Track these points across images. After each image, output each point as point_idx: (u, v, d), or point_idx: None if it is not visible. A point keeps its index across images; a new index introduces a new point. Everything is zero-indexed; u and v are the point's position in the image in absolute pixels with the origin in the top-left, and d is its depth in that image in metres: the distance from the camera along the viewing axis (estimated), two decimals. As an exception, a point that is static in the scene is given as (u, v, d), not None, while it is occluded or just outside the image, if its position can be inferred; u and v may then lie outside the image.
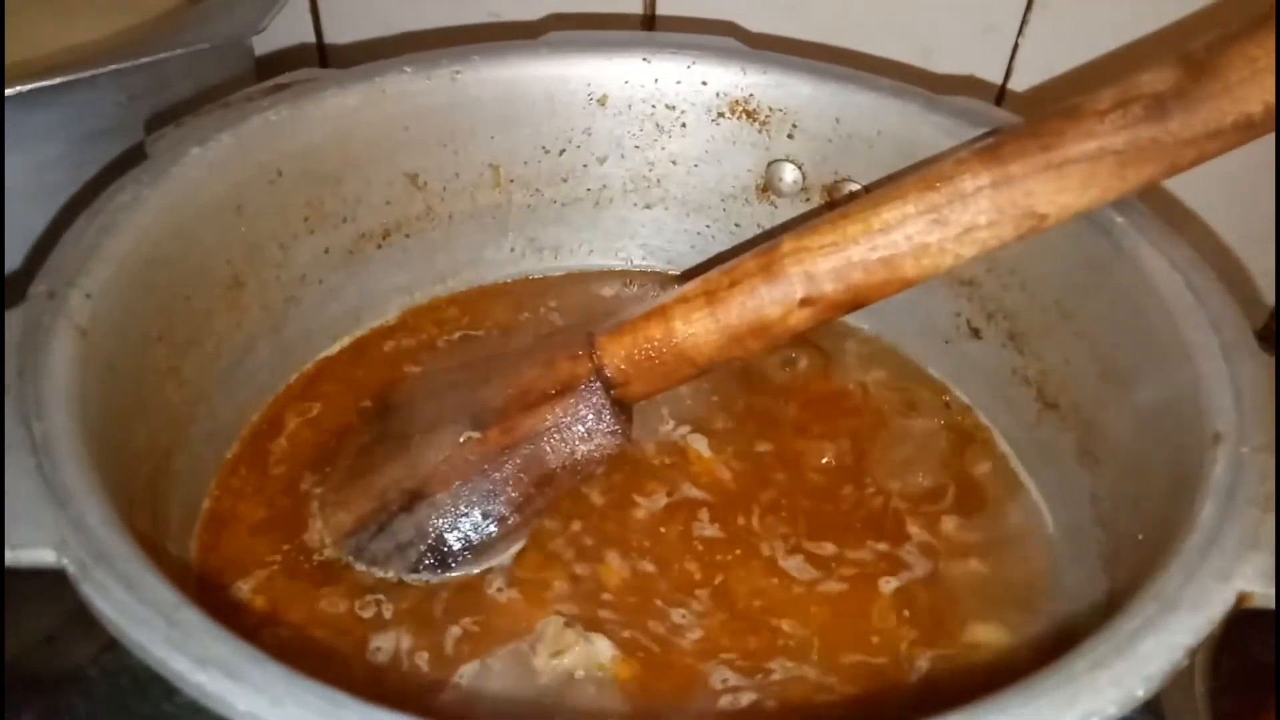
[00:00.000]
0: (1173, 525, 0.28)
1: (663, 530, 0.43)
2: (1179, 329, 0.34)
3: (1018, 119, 0.45)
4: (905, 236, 0.38)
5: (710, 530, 0.43)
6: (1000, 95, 0.60)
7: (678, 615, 0.39)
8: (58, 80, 0.46)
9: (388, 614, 0.39)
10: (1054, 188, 0.36)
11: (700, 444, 0.46)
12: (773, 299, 0.39)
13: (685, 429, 0.47)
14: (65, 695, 0.24)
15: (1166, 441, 0.33)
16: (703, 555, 0.42)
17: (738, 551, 0.42)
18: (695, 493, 0.44)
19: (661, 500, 0.44)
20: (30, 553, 0.24)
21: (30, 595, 0.46)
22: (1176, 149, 0.35)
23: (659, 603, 0.39)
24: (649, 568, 0.41)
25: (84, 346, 0.32)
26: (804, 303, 0.39)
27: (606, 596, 0.40)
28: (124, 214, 0.36)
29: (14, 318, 0.31)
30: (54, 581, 0.47)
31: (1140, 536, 0.32)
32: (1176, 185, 0.52)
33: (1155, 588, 0.25)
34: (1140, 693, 0.22)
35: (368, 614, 0.38)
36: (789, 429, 0.47)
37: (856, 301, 0.40)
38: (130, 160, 0.39)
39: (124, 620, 0.23)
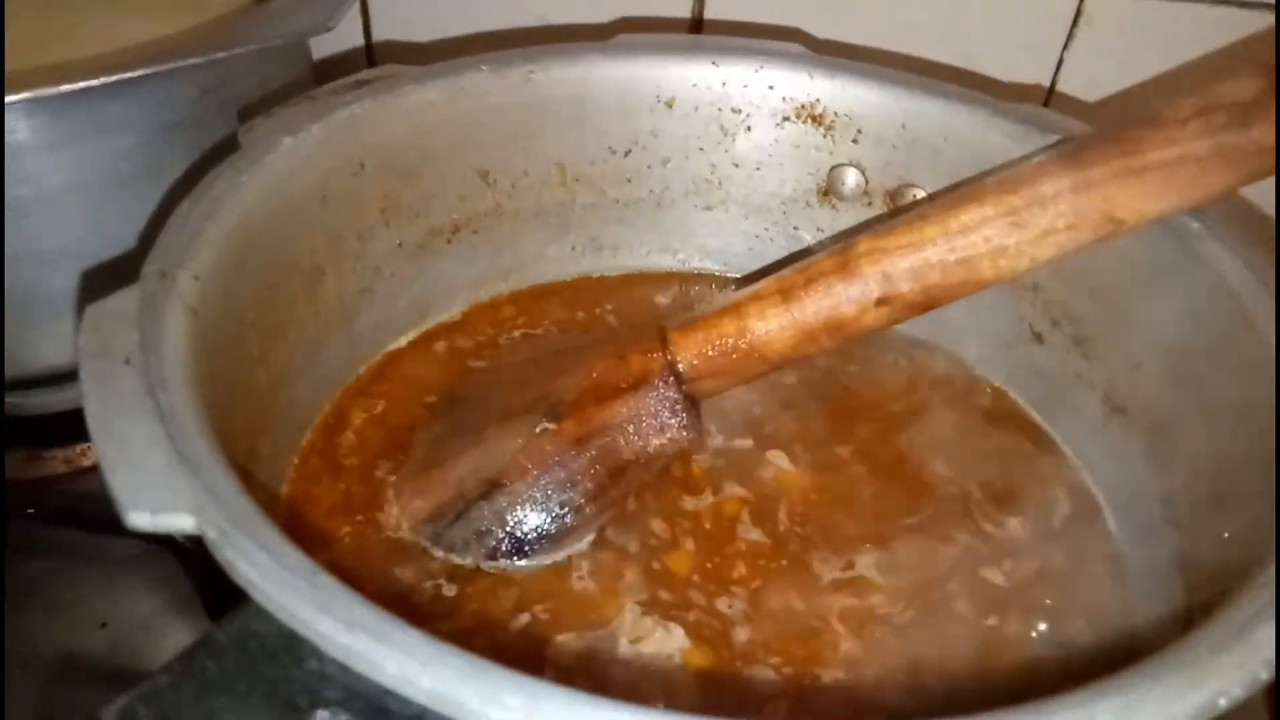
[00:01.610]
0: (1267, 516, 0.29)
1: (726, 525, 0.43)
2: (1260, 331, 0.35)
3: (1088, 127, 0.46)
4: (983, 239, 0.38)
5: (779, 526, 0.43)
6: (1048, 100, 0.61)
7: (735, 606, 0.40)
8: (140, 73, 0.47)
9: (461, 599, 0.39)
10: (1134, 193, 0.37)
11: (771, 452, 0.46)
12: (849, 298, 0.40)
13: (753, 437, 0.47)
14: (197, 659, 0.25)
15: (1251, 442, 0.33)
16: (758, 553, 0.42)
17: (803, 552, 0.42)
18: (761, 492, 0.44)
19: (729, 496, 0.44)
20: (170, 518, 0.25)
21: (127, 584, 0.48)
22: (1258, 157, 0.36)
23: (723, 597, 0.40)
24: (714, 561, 0.41)
25: (195, 325, 0.32)
26: (880, 302, 0.40)
27: (676, 588, 0.40)
28: (223, 200, 0.37)
29: (130, 295, 0.32)
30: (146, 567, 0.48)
31: (1226, 534, 0.33)
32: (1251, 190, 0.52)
33: (1266, 577, 0.26)
34: (1264, 675, 0.23)
35: (441, 596, 0.39)
36: (852, 434, 0.47)
37: (931, 302, 0.40)
38: (224, 150, 0.40)
39: (268, 583, 0.23)
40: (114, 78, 0.46)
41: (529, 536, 0.41)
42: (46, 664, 0.47)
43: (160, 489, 0.25)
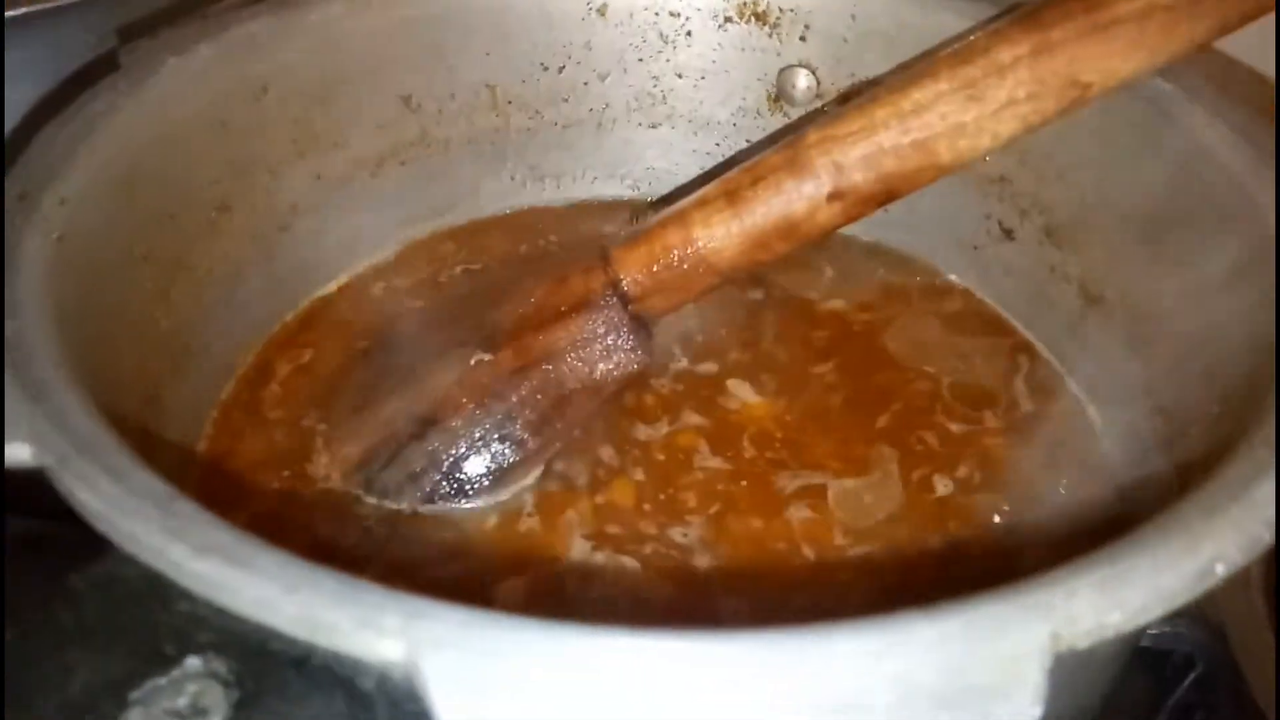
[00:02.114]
0: (1264, 383, 0.26)
1: (667, 453, 0.40)
2: (1246, 190, 0.32)
3: None
4: (939, 116, 0.35)
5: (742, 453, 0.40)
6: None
7: (684, 533, 0.37)
8: (20, 11, 0.43)
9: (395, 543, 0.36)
10: (1099, 52, 0.34)
11: (732, 381, 0.43)
12: (800, 194, 0.37)
13: (708, 361, 0.44)
14: (51, 607, 0.21)
15: (1242, 305, 0.30)
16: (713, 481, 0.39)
17: (766, 475, 0.39)
18: (701, 420, 0.41)
19: (677, 422, 0.41)
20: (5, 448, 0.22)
21: None
22: (1228, 2, 0.32)
23: (674, 522, 0.37)
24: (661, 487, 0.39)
25: (60, 253, 0.29)
26: (833, 197, 0.37)
27: (627, 520, 0.37)
28: (100, 121, 0.34)
29: (-21, 221, 0.28)
30: None
31: (1216, 410, 0.30)
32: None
33: (1263, 434, 0.23)
34: (1266, 537, 0.20)
35: (372, 543, 0.36)
36: (820, 352, 0.44)
37: (889, 193, 0.37)
38: (101, 71, 0.36)
39: (113, 510, 0.20)
40: (-9, 16, 0.42)
41: (468, 475, 0.38)
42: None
43: (-9, 419, 0.22)
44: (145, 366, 0.34)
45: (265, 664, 0.21)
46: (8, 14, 0.44)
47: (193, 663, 0.21)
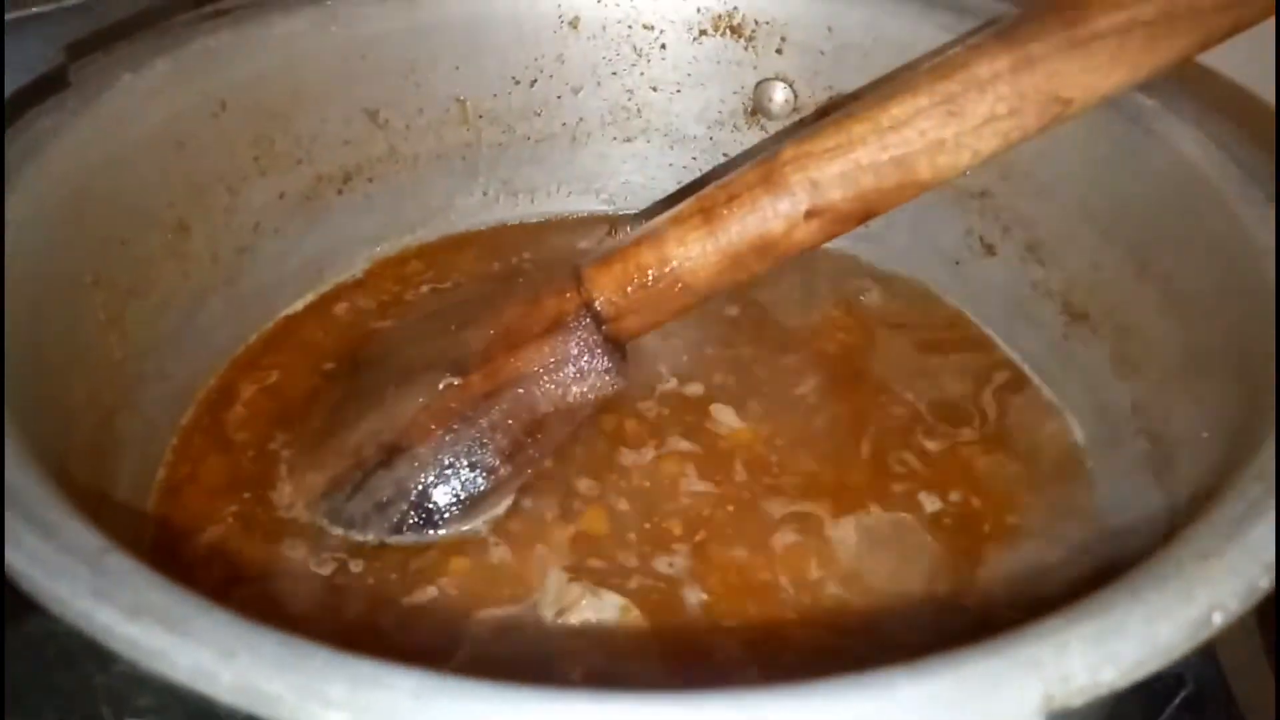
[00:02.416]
0: (1256, 408, 0.25)
1: (653, 479, 0.39)
2: (1230, 206, 0.31)
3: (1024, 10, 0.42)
4: (918, 133, 0.34)
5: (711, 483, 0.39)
6: None
7: (667, 562, 0.36)
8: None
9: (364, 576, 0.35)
10: (1079, 67, 0.33)
11: (716, 406, 0.42)
12: (776, 212, 0.36)
13: (691, 384, 0.43)
14: (-19, 670, 0.20)
15: (1229, 329, 0.29)
16: (694, 507, 0.38)
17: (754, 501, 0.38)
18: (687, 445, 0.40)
19: (653, 452, 0.40)
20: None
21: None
22: (1211, 16, 0.32)
23: (659, 550, 0.36)
24: (635, 512, 0.37)
25: (7, 280, 0.28)
26: (810, 215, 0.36)
27: (605, 549, 0.36)
28: (47, 140, 0.32)
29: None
30: None
31: (1205, 434, 0.29)
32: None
33: (1257, 468, 0.22)
34: (1264, 583, 0.19)
35: (340, 576, 0.34)
36: (794, 369, 0.43)
37: (867, 211, 0.36)
38: (49, 88, 0.35)
39: (37, 570, 0.19)
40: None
41: (437, 504, 0.37)
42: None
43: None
44: (97, 395, 0.33)
45: (211, 726, 0.20)
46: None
47: (131, 727, 0.20)
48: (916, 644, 0.17)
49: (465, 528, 0.37)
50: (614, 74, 0.49)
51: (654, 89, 0.49)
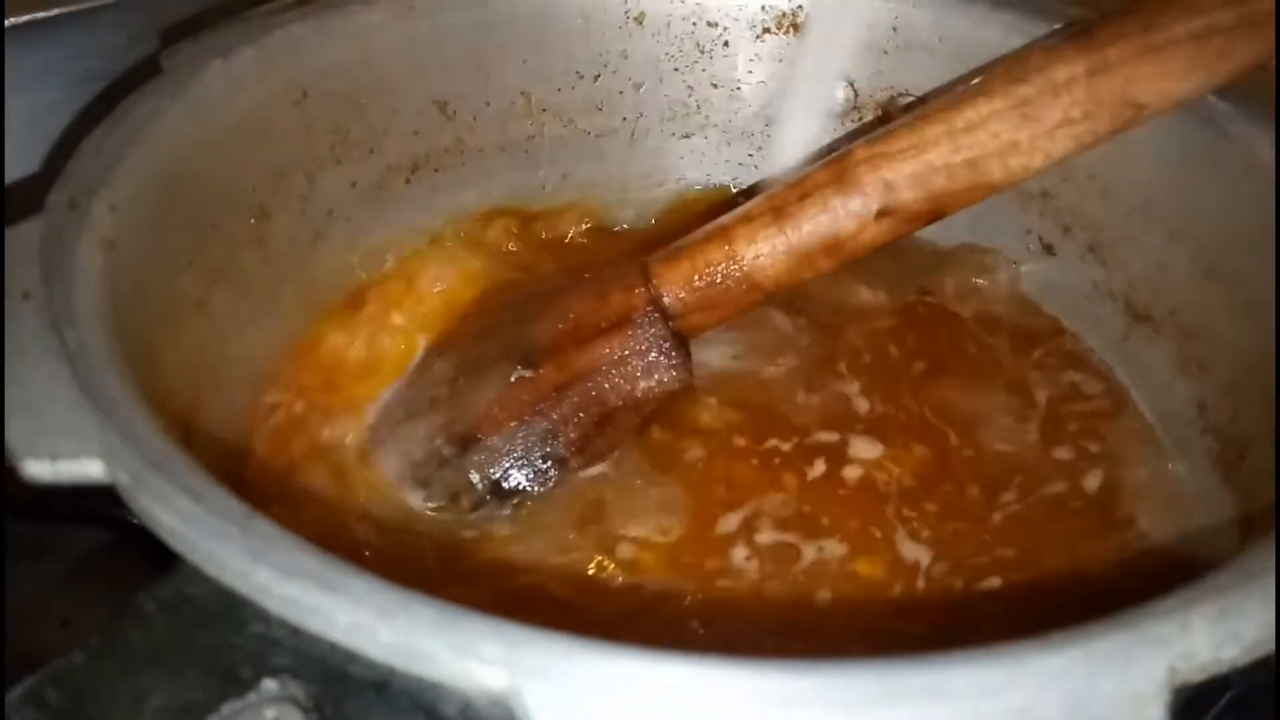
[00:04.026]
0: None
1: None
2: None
3: (1094, 14, 0.42)
4: (992, 135, 0.35)
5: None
6: None
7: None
8: (55, 12, 0.43)
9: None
10: (1155, 72, 0.33)
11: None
12: (847, 211, 0.36)
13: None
14: (121, 631, 0.21)
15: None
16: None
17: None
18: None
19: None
20: (74, 465, 0.21)
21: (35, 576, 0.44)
22: (1291, 21, 0.32)
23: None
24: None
25: (111, 260, 0.28)
26: (881, 214, 0.37)
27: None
28: (146, 126, 0.33)
29: (32, 228, 0.28)
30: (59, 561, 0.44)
31: (1276, 433, 0.29)
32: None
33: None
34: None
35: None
36: (871, 359, 0.43)
37: (937, 211, 0.37)
38: (143, 75, 0.36)
39: (193, 530, 0.19)
40: (26, 18, 0.42)
41: (510, 494, 0.37)
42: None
43: (63, 433, 0.21)
44: (188, 376, 0.34)
45: (344, 688, 0.20)
46: (40, 15, 0.43)
47: (269, 686, 0.20)
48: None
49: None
50: (675, 70, 0.49)
51: (714, 85, 0.50)
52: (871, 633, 0.32)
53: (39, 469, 0.21)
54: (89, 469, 0.21)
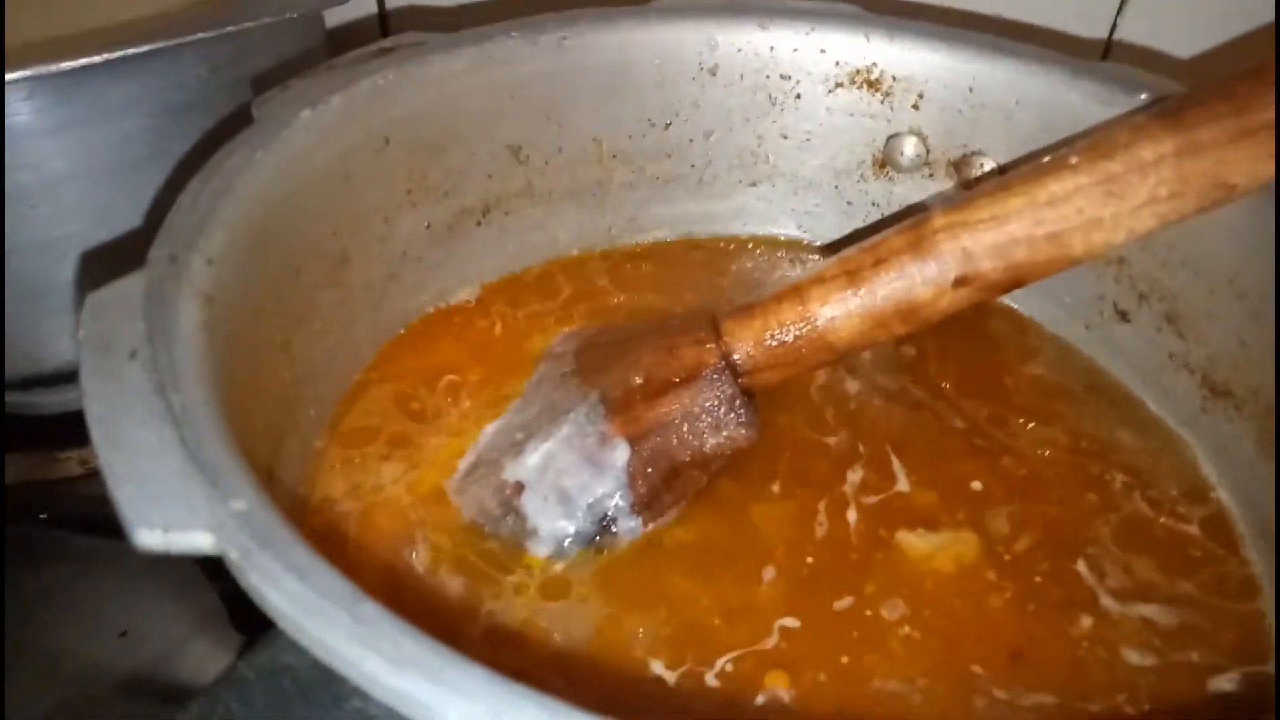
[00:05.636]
0: None
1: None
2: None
3: (1179, 85, 0.42)
4: (1076, 210, 0.35)
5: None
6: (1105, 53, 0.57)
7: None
8: (145, 49, 0.44)
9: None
10: (1247, 155, 0.33)
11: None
12: (924, 279, 0.36)
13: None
14: (220, 700, 0.21)
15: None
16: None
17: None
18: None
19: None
20: (185, 536, 0.21)
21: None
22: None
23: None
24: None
25: (209, 314, 0.29)
26: (959, 282, 0.37)
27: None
28: (238, 177, 0.34)
29: (135, 283, 0.28)
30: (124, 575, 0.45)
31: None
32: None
33: None
34: None
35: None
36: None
37: (1015, 281, 0.37)
38: (236, 125, 0.37)
39: (302, 614, 0.20)
40: (117, 54, 0.43)
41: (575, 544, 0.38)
42: (64, 673, 0.45)
43: (173, 504, 0.22)
44: (273, 421, 0.34)
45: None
46: (129, 51, 0.44)
47: (365, 764, 0.21)
48: None
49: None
50: (746, 120, 0.50)
51: (784, 136, 0.50)
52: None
53: (150, 539, 0.21)
54: (199, 541, 0.21)
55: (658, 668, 0.33)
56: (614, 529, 0.38)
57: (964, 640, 0.35)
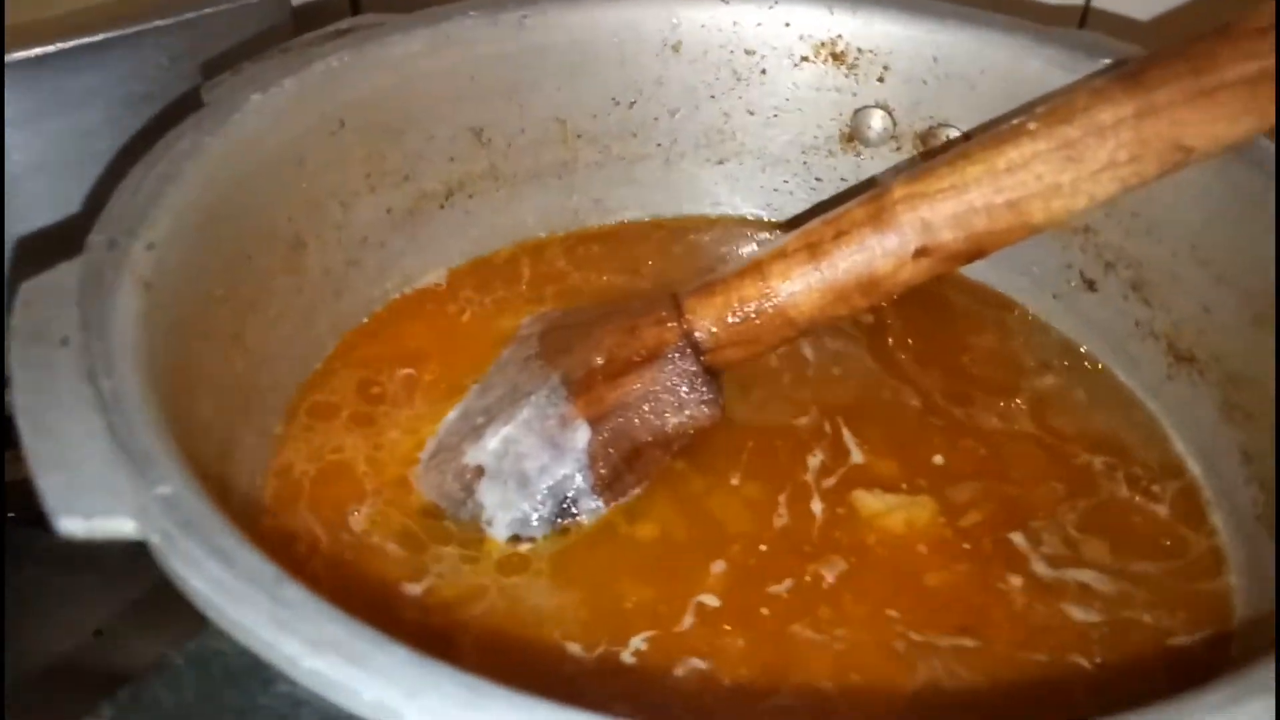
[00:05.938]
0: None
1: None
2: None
3: (1140, 50, 0.41)
4: (1035, 176, 0.34)
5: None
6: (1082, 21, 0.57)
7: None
8: (101, 37, 0.43)
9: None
10: (1205, 116, 0.33)
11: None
12: (884, 250, 0.36)
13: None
14: (149, 687, 0.21)
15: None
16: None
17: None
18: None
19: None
20: (108, 522, 0.21)
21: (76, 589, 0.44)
22: (1349, 65, 0.31)
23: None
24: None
25: (149, 301, 0.29)
26: (919, 254, 0.36)
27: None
28: (185, 162, 0.33)
29: (72, 269, 0.28)
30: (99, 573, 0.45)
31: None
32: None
33: None
34: None
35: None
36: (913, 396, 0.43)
37: (976, 251, 0.36)
38: (185, 108, 0.36)
39: (222, 598, 0.20)
40: (73, 43, 0.42)
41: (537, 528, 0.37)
42: (38, 672, 0.44)
43: (96, 490, 0.22)
44: (225, 410, 0.34)
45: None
46: (85, 40, 0.44)
47: (295, 748, 0.20)
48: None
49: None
50: (711, 97, 0.49)
51: (750, 113, 0.50)
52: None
53: (73, 525, 0.21)
54: (122, 527, 0.21)
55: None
56: (575, 510, 0.37)
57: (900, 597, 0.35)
